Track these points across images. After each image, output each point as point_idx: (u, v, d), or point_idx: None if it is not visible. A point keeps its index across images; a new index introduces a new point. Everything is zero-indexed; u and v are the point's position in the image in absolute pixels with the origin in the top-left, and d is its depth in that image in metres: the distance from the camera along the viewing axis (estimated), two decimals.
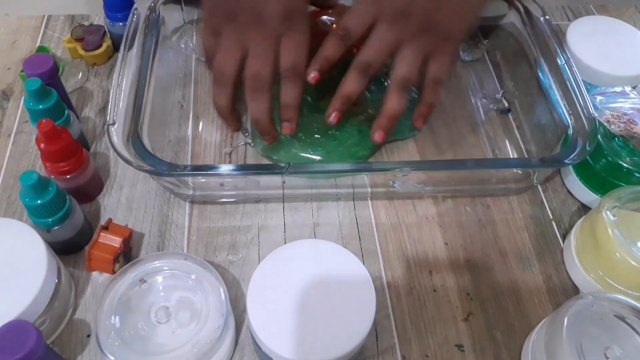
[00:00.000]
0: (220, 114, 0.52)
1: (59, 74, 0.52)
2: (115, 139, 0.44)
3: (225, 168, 0.45)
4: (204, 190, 0.50)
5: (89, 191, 0.50)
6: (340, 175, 0.50)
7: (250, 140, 0.54)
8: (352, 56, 0.48)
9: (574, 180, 0.52)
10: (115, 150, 0.43)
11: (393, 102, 0.48)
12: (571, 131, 0.48)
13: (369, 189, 0.51)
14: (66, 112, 0.48)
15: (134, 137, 0.45)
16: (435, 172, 0.50)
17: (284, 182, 0.49)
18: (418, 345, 0.44)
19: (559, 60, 0.53)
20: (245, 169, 0.49)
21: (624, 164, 0.48)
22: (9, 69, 0.60)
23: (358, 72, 0.47)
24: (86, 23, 0.62)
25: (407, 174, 0.46)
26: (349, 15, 0.48)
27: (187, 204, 0.51)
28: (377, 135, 0.48)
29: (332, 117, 0.48)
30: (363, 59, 0.47)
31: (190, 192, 0.50)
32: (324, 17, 0.55)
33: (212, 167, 0.48)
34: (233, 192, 0.50)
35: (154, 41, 0.53)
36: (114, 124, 0.45)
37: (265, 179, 0.49)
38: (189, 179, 0.48)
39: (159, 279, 0.41)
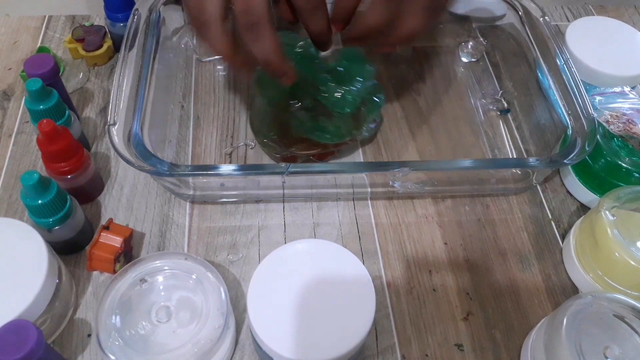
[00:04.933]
0: (224, 54, 0.41)
1: (60, 74, 0.52)
2: (116, 139, 0.44)
3: (225, 168, 0.46)
4: (205, 190, 0.50)
5: (90, 191, 0.50)
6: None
7: (252, 143, 0.54)
8: None
9: (573, 180, 0.52)
10: (116, 150, 0.44)
11: (375, 15, 0.42)
12: (570, 131, 0.48)
13: (369, 189, 0.51)
14: (67, 112, 0.49)
15: (134, 137, 0.45)
16: (435, 172, 0.50)
17: (284, 182, 0.49)
18: (418, 345, 0.44)
19: (558, 61, 0.53)
20: (245, 169, 0.49)
21: (623, 164, 0.48)
22: (10, 69, 0.60)
23: (310, 11, 0.41)
24: (87, 23, 0.62)
25: (407, 174, 0.46)
26: None
27: (188, 204, 0.51)
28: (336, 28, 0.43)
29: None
30: None
31: (191, 192, 0.50)
32: None
33: (212, 167, 0.48)
34: (233, 192, 0.51)
35: (154, 41, 0.53)
36: (114, 124, 0.45)
37: (265, 179, 0.49)
38: (190, 179, 0.48)
39: (160, 278, 0.41)
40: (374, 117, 0.52)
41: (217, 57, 0.62)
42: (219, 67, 0.61)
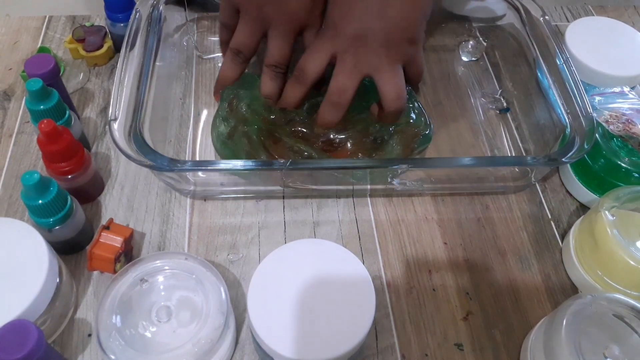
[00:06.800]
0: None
1: (60, 74, 0.52)
2: (116, 134, 0.44)
3: (224, 164, 0.46)
4: (205, 186, 0.50)
5: (90, 191, 0.50)
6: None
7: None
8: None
9: (572, 180, 0.52)
10: (116, 145, 0.43)
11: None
12: (569, 130, 0.48)
13: (369, 186, 0.51)
14: (67, 112, 0.49)
15: (135, 132, 0.45)
16: (434, 170, 0.50)
17: (283, 180, 0.49)
18: (417, 345, 0.44)
19: (557, 61, 0.53)
20: (244, 165, 0.49)
21: (623, 164, 0.48)
22: (10, 69, 0.61)
23: (331, 104, 0.48)
24: (87, 24, 0.62)
25: (405, 170, 0.47)
26: (305, 55, 0.48)
27: (188, 203, 0.51)
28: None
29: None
30: (334, 90, 0.47)
31: (191, 188, 0.50)
32: None
33: (212, 163, 0.48)
34: (233, 189, 0.51)
35: (156, 39, 0.53)
36: (115, 119, 0.45)
37: (265, 175, 0.49)
38: (190, 175, 0.48)
39: (160, 278, 0.41)
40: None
41: (218, 54, 0.62)
42: (220, 64, 0.61)
